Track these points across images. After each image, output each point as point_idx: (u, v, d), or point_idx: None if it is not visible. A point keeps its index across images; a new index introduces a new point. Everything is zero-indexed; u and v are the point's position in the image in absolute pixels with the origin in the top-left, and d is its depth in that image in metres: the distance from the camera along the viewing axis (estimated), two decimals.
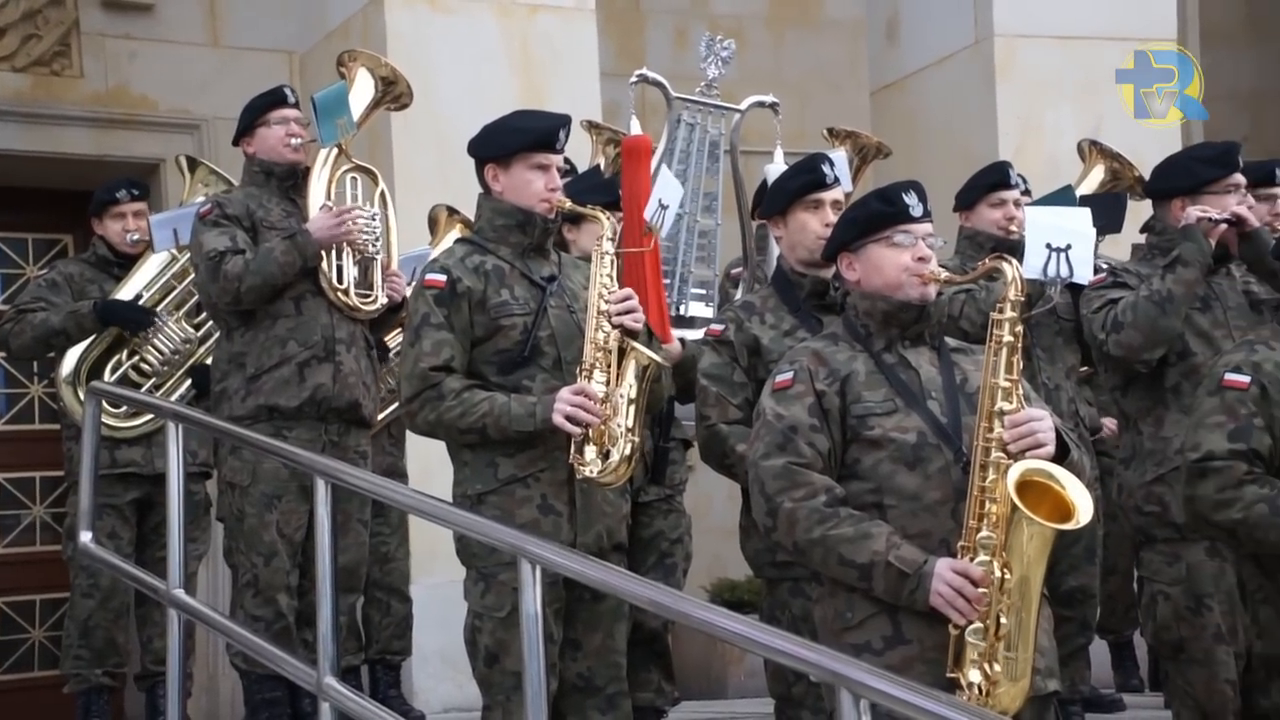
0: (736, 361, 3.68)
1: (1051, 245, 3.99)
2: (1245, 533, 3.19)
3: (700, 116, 4.55)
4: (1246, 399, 3.24)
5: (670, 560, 4.40)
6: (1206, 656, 3.86)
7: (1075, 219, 4.08)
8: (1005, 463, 2.83)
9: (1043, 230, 4.02)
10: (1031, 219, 4.11)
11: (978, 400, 2.92)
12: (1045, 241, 4.00)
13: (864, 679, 2.43)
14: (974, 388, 2.97)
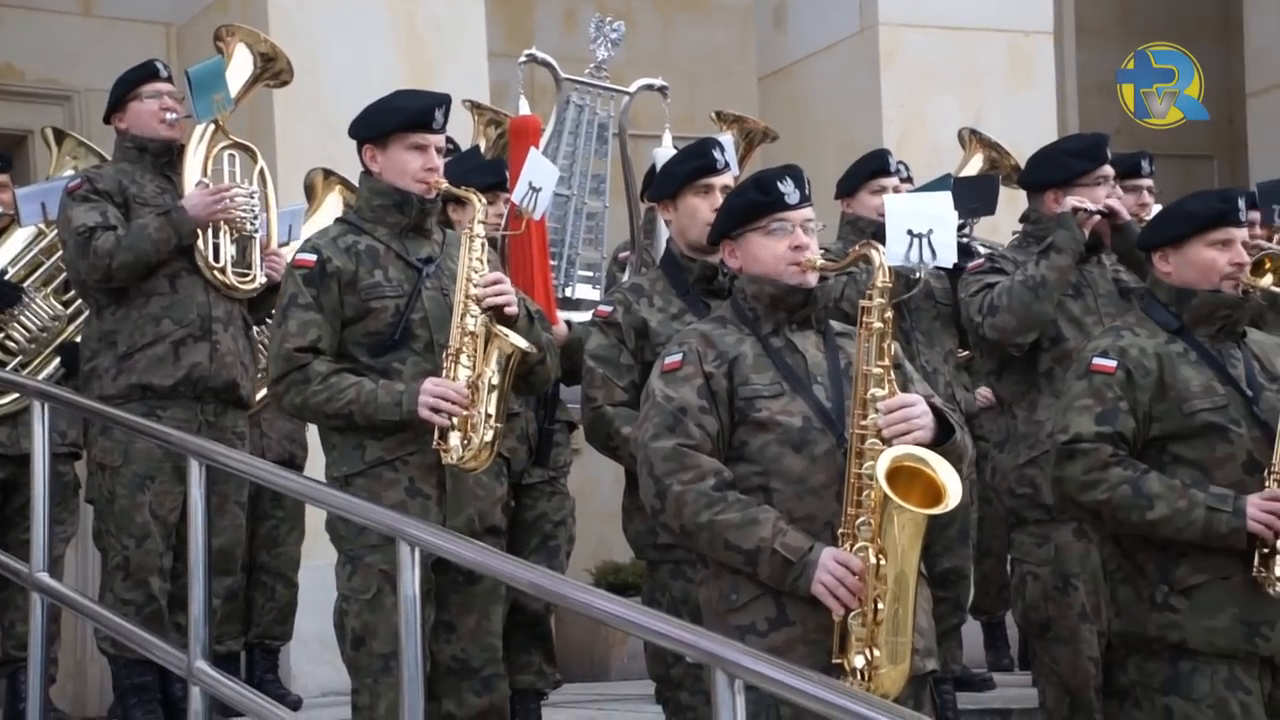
0: (624, 344, 3.68)
1: (913, 231, 4.05)
2: (1109, 513, 3.27)
3: (589, 98, 4.55)
4: (1113, 383, 3.31)
5: (553, 543, 4.40)
6: (1071, 635, 3.98)
7: (935, 204, 4.15)
8: (879, 449, 2.87)
9: (903, 217, 4.08)
10: (891, 207, 4.17)
11: (853, 386, 2.96)
12: (906, 228, 4.06)
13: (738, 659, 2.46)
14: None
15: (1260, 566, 3.18)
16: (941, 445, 2.92)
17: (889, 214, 4.18)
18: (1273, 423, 3.24)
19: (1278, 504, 3.16)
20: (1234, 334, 3.39)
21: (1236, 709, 3.19)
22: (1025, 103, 6.89)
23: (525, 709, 4.30)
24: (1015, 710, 4.95)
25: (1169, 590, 3.26)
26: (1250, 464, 3.24)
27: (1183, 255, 3.40)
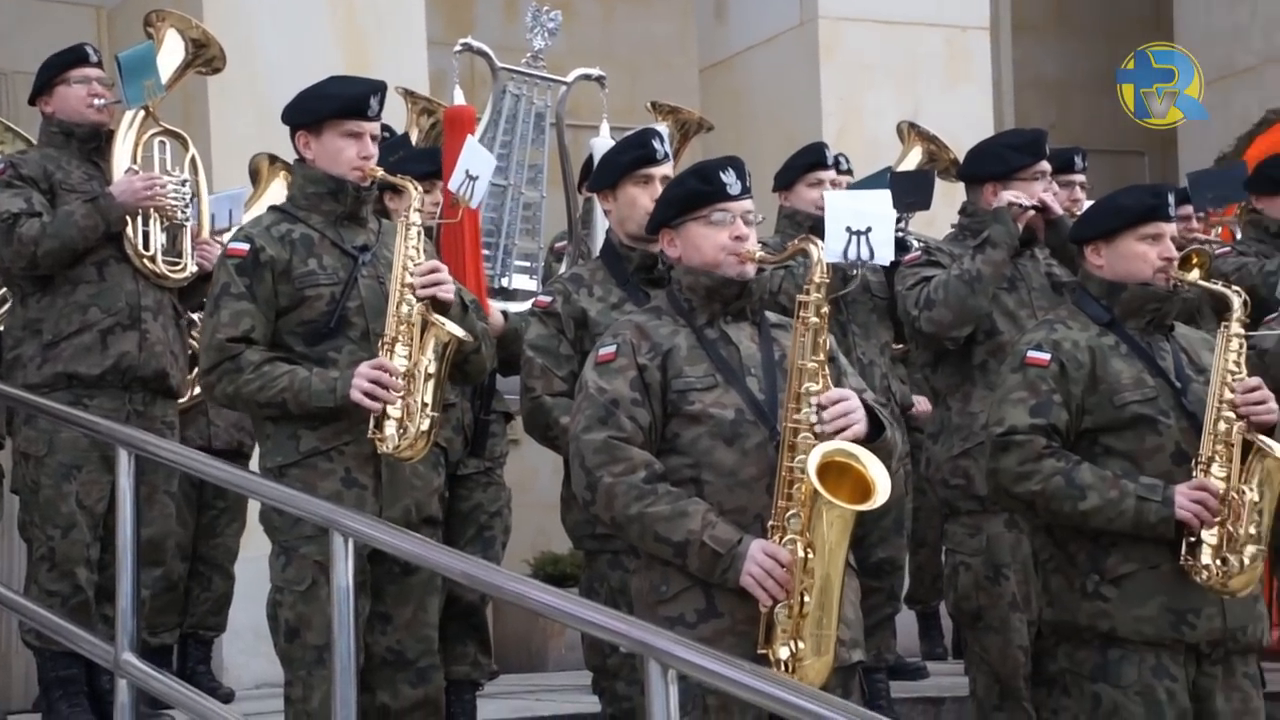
0: (563, 334, 3.67)
1: (851, 228, 4.08)
2: (1043, 504, 3.31)
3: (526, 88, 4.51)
4: (1047, 376, 3.35)
5: (489, 533, 4.38)
6: (1002, 624, 4.02)
7: (874, 202, 4.18)
8: (812, 443, 2.89)
9: (842, 214, 4.11)
10: (830, 203, 4.20)
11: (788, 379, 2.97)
12: (845, 225, 4.09)
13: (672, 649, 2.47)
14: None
15: (1187, 555, 3.23)
16: (872, 442, 2.94)
17: (828, 211, 4.20)
18: (1200, 414, 3.29)
19: (1204, 494, 3.20)
20: (1163, 327, 3.44)
21: (1163, 696, 3.24)
22: (962, 97, 6.95)
23: (460, 700, 4.29)
24: (948, 699, 5.00)
25: (1100, 579, 3.30)
26: (1178, 454, 3.29)
27: (1114, 249, 3.44)
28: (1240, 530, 3.20)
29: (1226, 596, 3.23)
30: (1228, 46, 7.95)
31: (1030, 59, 8.86)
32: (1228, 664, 3.28)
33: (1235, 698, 3.27)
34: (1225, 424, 3.24)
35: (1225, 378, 3.27)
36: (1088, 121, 8.87)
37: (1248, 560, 3.20)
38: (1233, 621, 3.26)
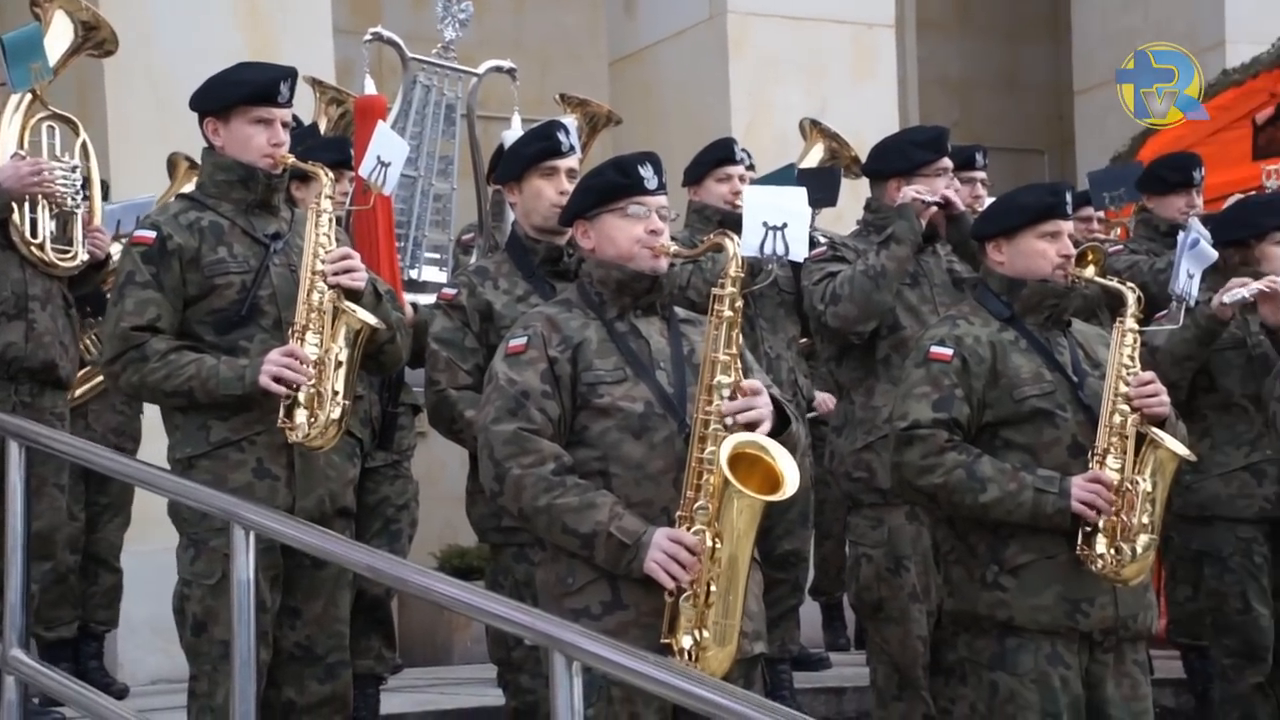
0: (468, 326, 3.65)
1: (768, 224, 4.12)
2: (945, 497, 3.36)
3: (436, 79, 4.49)
4: (949, 371, 3.40)
5: (395, 526, 4.35)
6: (902, 614, 4.09)
7: (791, 198, 4.22)
8: (723, 435, 2.91)
9: (760, 209, 4.14)
10: (749, 198, 4.23)
11: (700, 372, 2.98)
12: (762, 220, 4.13)
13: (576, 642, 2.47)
14: (700, 359, 3.03)
15: (1083, 545, 3.30)
16: (778, 435, 2.97)
17: (747, 206, 4.22)
18: (1096, 407, 3.35)
19: (1099, 485, 3.27)
20: (1060, 322, 3.51)
21: (1057, 683, 3.30)
22: (868, 94, 7.03)
23: (363, 694, 4.25)
24: (849, 689, 5.06)
25: (999, 570, 3.36)
26: (1075, 447, 3.36)
27: (1014, 246, 3.50)
28: (1133, 520, 3.27)
29: (1120, 585, 3.30)
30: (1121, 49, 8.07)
31: (934, 57, 9.00)
32: (1119, 652, 3.35)
33: (1125, 684, 3.35)
34: (1120, 417, 3.31)
35: (1120, 372, 3.34)
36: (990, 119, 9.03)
37: (1140, 549, 3.27)
38: (1124, 610, 3.33)
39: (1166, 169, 5.34)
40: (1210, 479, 4.51)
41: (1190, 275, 4.48)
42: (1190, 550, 4.67)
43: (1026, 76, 9.36)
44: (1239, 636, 4.47)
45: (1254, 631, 4.44)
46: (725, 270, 3.00)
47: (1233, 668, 4.48)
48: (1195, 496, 4.54)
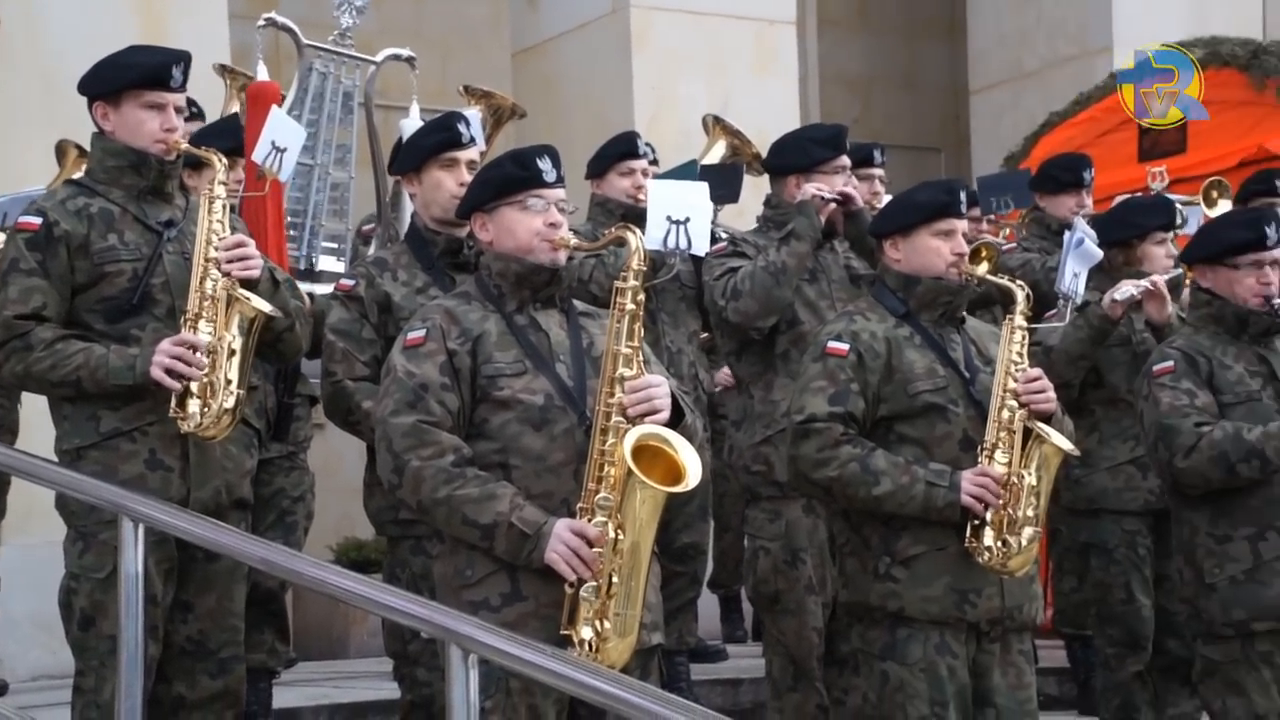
0: (366, 318, 3.62)
1: (672, 218, 4.14)
2: (839, 490, 3.41)
3: (333, 66, 4.44)
4: (845, 365, 3.45)
5: (291, 519, 4.30)
6: (798, 606, 4.13)
7: (694, 193, 4.25)
8: (624, 427, 2.92)
9: (663, 203, 4.16)
10: (653, 192, 4.25)
11: (602, 365, 3.00)
12: (666, 214, 4.15)
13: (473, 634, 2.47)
14: (600, 352, 3.04)
15: (971, 538, 3.36)
16: (673, 427, 2.98)
17: (650, 199, 4.24)
18: (986, 402, 3.42)
19: (988, 480, 3.33)
20: (954, 319, 3.57)
21: (944, 671, 3.37)
22: (770, 90, 7.09)
23: (255, 688, 4.20)
24: (745, 680, 5.11)
25: (891, 561, 3.41)
26: (966, 441, 3.42)
27: (910, 244, 3.56)
28: (1019, 513, 3.34)
29: (1006, 576, 3.37)
30: (1016, 50, 8.30)
31: (835, 54, 9.09)
32: (1005, 641, 3.43)
33: (1010, 673, 3.42)
34: (1008, 412, 3.37)
35: (1009, 368, 3.40)
36: (889, 117, 9.16)
37: (1025, 542, 3.34)
38: (1010, 601, 3.40)
39: (1058, 169, 5.46)
40: (1098, 473, 4.62)
41: (1076, 274, 4.59)
42: (1078, 542, 4.78)
43: (924, 76, 9.50)
44: (1122, 626, 4.58)
45: (1136, 621, 4.56)
46: (628, 264, 3.02)
47: (1115, 656, 4.60)
48: (1084, 490, 4.66)
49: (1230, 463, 3.69)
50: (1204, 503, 3.80)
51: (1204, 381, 3.80)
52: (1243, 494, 3.73)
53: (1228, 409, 3.78)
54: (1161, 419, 3.79)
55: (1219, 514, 3.78)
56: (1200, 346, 3.88)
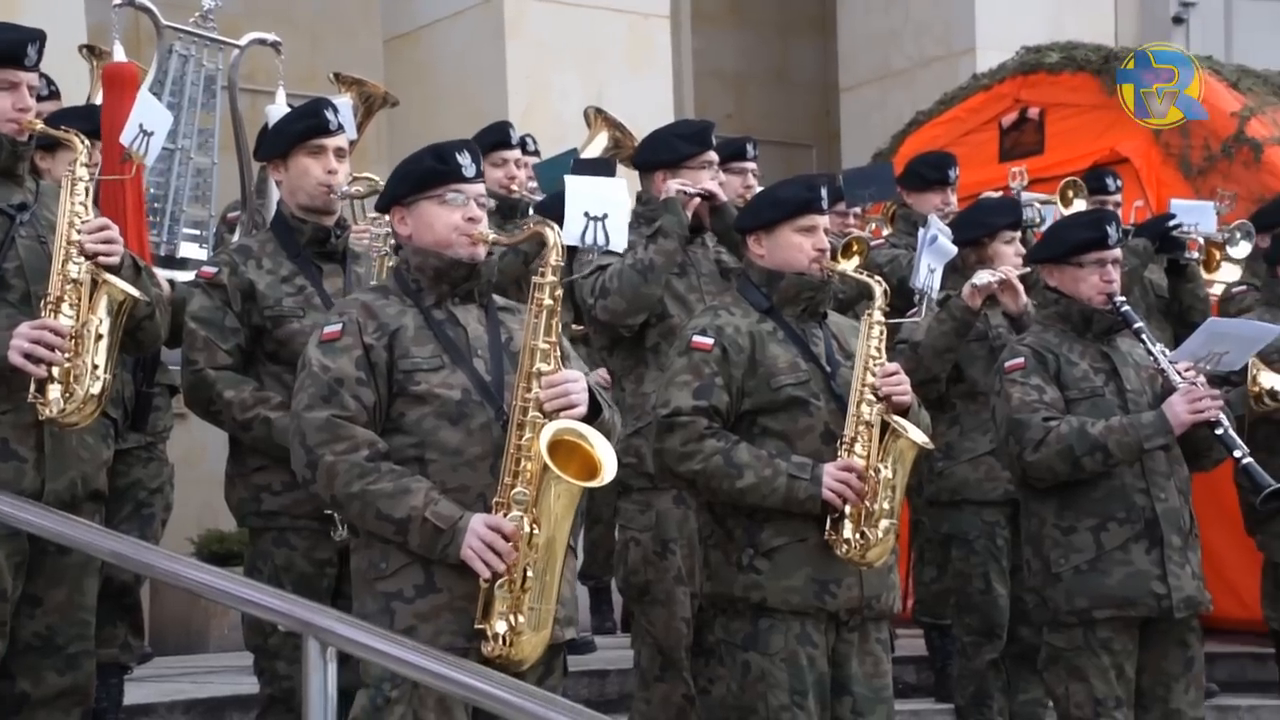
0: (229, 306, 3.57)
1: (590, 214, 4.14)
2: (703, 482, 3.45)
3: (195, 49, 4.33)
4: (710, 359, 3.49)
5: (148, 510, 4.22)
6: (668, 597, 4.17)
7: (612, 189, 4.25)
8: (541, 422, 2.93)
9: (581, 199, 4.16)
10: (571, 188, 4.24)
11: (520, 360, 3.00)
12: (583, 210, 4.14)
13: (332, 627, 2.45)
14: (518, 347, 3.05)
15: (831, 530, 3.43)
16: (591, 422, 2.99)
17: (569, 195, 4.22)
18: (847, 396, 3.48)
19: (849, 473, 3.40)
20: (817, 314, 3.63)
21: (804, 661, 3.43)
22: (644, 84, 7.12)
23: (106, 684, 4.10)
24: (613, 671, 5.14)
25: (754, 553, 3.46)
26: (827, 435, 3.49)
27: (773, 239, 3.61)
28: (876, 506, 3.41)
29: (865, 568, 3.45)
30: (884, 49, 8.45)
31: (710, 50, 9.16)
32: (863, 630, 3.50)
33: (868, 662, 3.50)
34: (867, 406, 3.44)
35: (868, 363, 3.48)
36: (762, 113, 9.27)
37: (881, 534, 3.41)
38: (869, 591, 3.48)
39: (924, 166, 5.58)
40: (959, 465, 4.74)
41: (931, 270, 4.70)
42: (939, 534, 4.90)
43: (796, 72, 9.63)
44: (979, 615, 4.71)
45: (992, 610, 4.69)
46: (546, 259, 3.03)
47: (971, 645, 4.73)
48: (946, 482, 4.77)
49: (1075, 457, 3.81)
50: (1051, 495, 3.92)
51: (1052, 377, 3.93)
52: (1087, 486, 3.86)
53: (1073, 404, 3.90)
54: (1012, 414, 3.90)
55: (1065, 506, 3.90)
56: (1048, 343, 4.00)
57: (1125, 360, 3.99)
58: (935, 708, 5.10)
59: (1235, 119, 6.20)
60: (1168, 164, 6.35)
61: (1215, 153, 6.18)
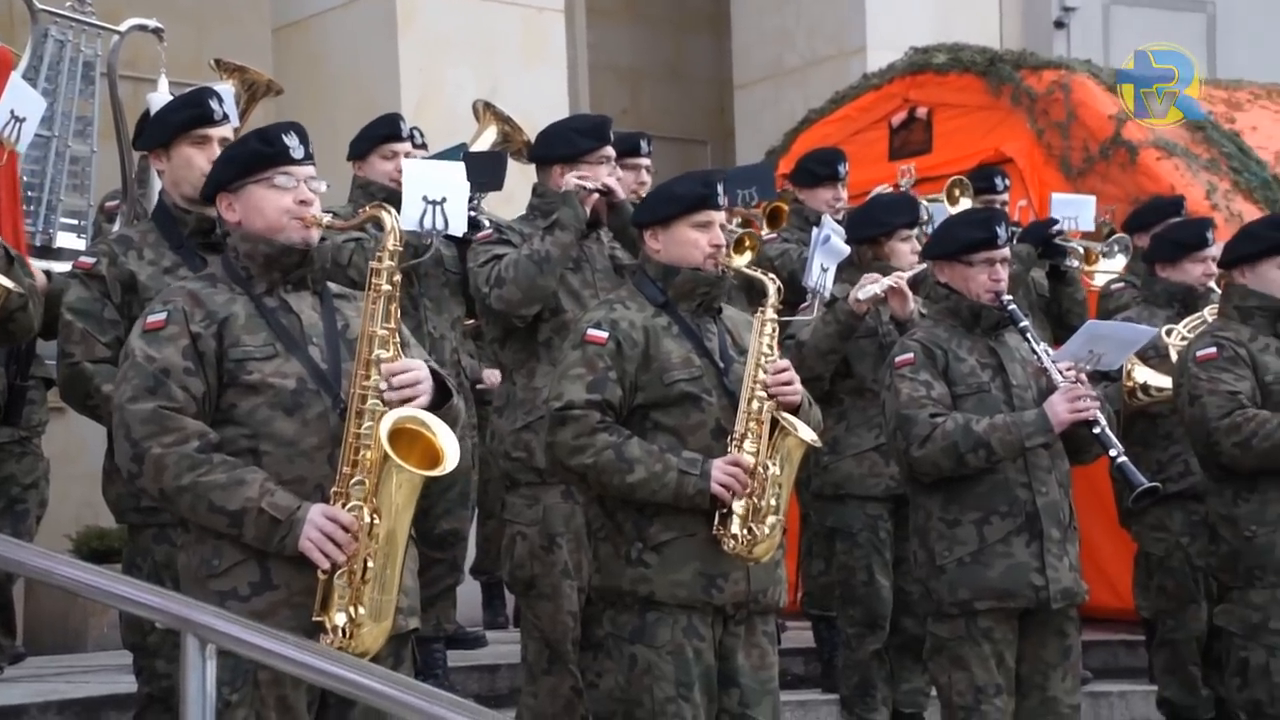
0: (108, 297, 3.48)
1: (428, 198, 4.10)
2: (594, 476, 3.45)
3: (71, 33, 4.22)
4: (604, 353, 3.48)
5: (21, 507, 4.11)
6: (554, 591, 4.17)
7: (450, 173, 4.22)
8: (381, 410, 2.88)
9: (419, 183, 4.12)
10: (408, 172, 4.20)
11: (358, 347, 2.94)
12: (422, 194, 4.11)
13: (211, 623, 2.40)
14: (355, 334, 2.99)
15: (719, 525, 3.44)
16: (437, 410, 2.96)
17: (406, 179, 4.19)
18: (739, 392, 3.50)
19: (737, 469, 3.41)
20: (712, 309, 3.64)
21: (691, 654, 3.44)
22: (539, 78, 7.08)
23: None
24: (503, 665, 5.13)
25: (643, 547, 3.47)
26: (718, 430, 3.49)
27: (669, 234, 3.61)
28: (763, 503, 3.43)
29: (752, 563, 3.47)
30: (777, 47, 8.53)
31: (605, 44, 9.16)
32: (750, 624, 3.52)
33: (754, 654, 3.52)
34: (757, 403, 3.46)
35: (759, 360, 3.50)
36: (657, 109, 9.29)
37: (768, 530, 3.43)
38: (756, 585, 3.50)
39: (814, 163, 5.64)
40: (844, 459, 4.80)
41: (824, 269, 4.75)
42: (825, 527, 4.96)
43: (691, 69, 9.67)
44: (863, 607, 4.78)
45: (876, 602, 4.76)
46: (383, 244, 2.97)
47: (856, 636, 4.80)
48: (831, 476, 4.84)
49: (960, 453, 3.88)
50: (937, 489, 3.98)
51: (940, 373, 3.99)
52: (971, 481, 3.93)
53: (960, 399, 3.98)
54: (900, 409, 3.96)
55: (950, 499, 3.97)
56: (938, 339, 4.06)
57: (1012, 356, 4.07)
58: (822, 698, 5.17)
59: (1113, 122, 6.38)
60: (1049, 164, 6.51)
61: (1094, 154, 6.35)
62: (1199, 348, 4.32)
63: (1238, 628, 4.23)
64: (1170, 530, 5.04)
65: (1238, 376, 4.22)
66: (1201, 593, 5.00)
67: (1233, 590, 4.28)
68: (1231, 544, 4.24)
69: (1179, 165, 6.19)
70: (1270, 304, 4.32)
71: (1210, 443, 4.21)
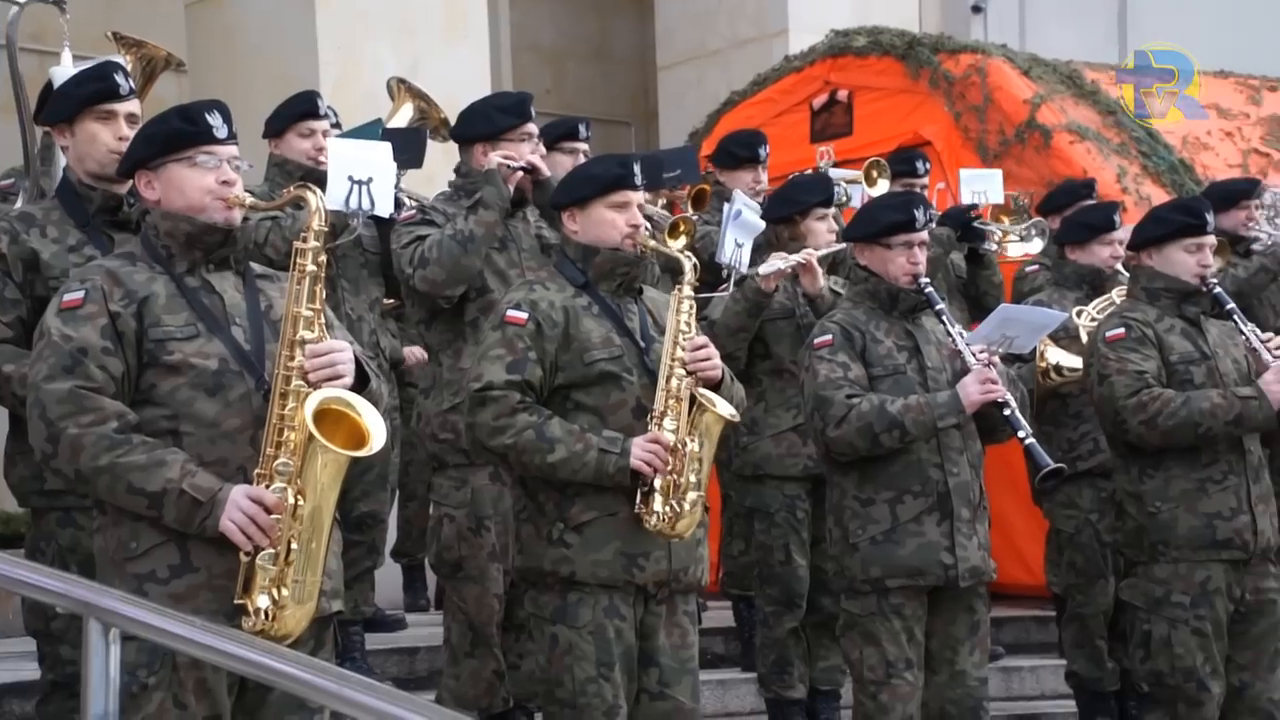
0: (10, 276, 3.41)
1: (354, 178, 4.06)
2: (515, 457, 3.44)
3: None
4: (524, 334, 3.47)
5: None
6: (481, 573, 4.16)
7: (376, 153, 4.17)
8: (305, 391, 2.85)
9: (345, 163, 4.07)
10: (334, 151, 4.15)
11: (282, 327, 2.91)
12: (347, 174, 4.06)
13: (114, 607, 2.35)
14: (279, 315, 2.96)
15: (641, 504, 3.44)
16: (359, 392, 2.93)
17: (331, 158, 4.14)
18: (659, 371, 3.50)
19: (657, 446, 3.42)
20: (632, 289, 3.64)
21: (612, 634, 3.45)
22: (460, 56, 7.02)
23: None
24: (423, 648, 5.10)
25: (564, 527, 3.46)
26: (639, 409, 3.50)
27: (587, 215, 3.61)
28: (684, 479, 3.44)
29: (674, 540, 3.48)
30: (701, 29, 8.53)
31: (528, 24, 9.11)
32: (671, 603, 3.53)
33: (675, 634, 3.53)
34: (676, 380, 3.47)
35: (677, 337, 3.50)
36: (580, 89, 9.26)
37: (689, 506, 3.45)
38: (676, 564, 3.51)
39: (735, 145, 5.64)
40: (763, 440, 4.83)
41: (739, 245, 4.76)
42: (744, 507, 4.99)
43: (615, 49, 9.64)
44: (780, 586, 4.82)
45: (793, 581, 4.80)
46: (308, 224, 2.94)
47: (773, 614, 4.84)
48: (750, 456, 4.86)
49: (874, 433, 3.92)
50: (853, 468, 4.02)
51: (858, 354, 4.03)
52: (885, 461, 3.97)
53: (877, 381, 4.02)
54: (818, 390, 3.99)
55: (865, 479, 4.01)
56: (856, 321, 4.10)
57: (928, 339, 4.11)
58: (741, 677, 5.20)
59: (1027, 106, 6.46)
60: (966, 147, 6.58)
61: (1009, 138, 6.43)
62: (1108, 328, 4.39)
63: (1142, 602, 4.32)
64: (1080, 507, 5.13)
65: (1145, 356, 4.29)
66: (1109, 568, 5.09)
67: (1138, 565, 4.36)
68: (1137, 520, 4.32)
69: (1091, 149, 6.29)
70: (1176, 286, 4.40)
71: (1118, 421, 4.29)
